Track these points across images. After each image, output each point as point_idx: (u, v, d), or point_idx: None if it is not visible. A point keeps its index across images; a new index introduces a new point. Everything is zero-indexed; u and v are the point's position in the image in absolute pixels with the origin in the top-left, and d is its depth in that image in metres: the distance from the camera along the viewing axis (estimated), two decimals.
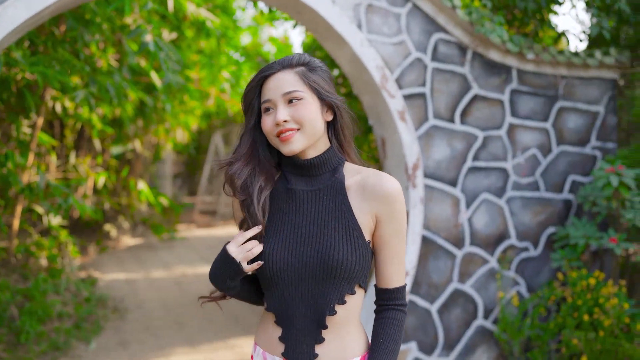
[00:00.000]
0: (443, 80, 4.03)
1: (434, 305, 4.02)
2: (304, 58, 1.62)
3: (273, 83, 1.58)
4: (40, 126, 6.33)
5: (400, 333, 1.58)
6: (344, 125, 1.64)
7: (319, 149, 1.62)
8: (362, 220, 1.55)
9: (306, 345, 1.54)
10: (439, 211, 4.02)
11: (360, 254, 1.53)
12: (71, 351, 5.30)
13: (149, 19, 5.90)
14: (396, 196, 1.54)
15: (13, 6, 2.98)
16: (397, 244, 1.57)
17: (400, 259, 1.58)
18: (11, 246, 6.62)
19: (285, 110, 1.55)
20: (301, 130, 1.56)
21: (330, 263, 1.50)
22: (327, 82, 1.62)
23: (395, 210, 1.55)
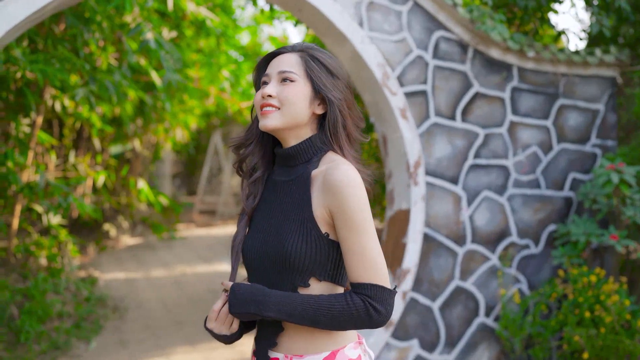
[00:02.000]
0: (444, 78, 4.03)
1: (435, 302, 4.02)
2: (309, 45, 1.63)
3: (276, 61, 1.61)
4: (39, 125, 6.32)
5: (341, 313, 1.45)
6: (336, 120, 1.58)
7: (299, 138, 1.61)
8: (317, 212, 1.51)
9: (269, 333, 1.57)
10: (440, 209, 4.01)
11: (312, 246, 1.50)
12: (71, 350, 5.29)
13: (148, 17, 5.91)
14: (343, 187, 1.46)
15: (14, 3, 2.98)
16: (350, 237, 1.47)
17: (359, 254, 1.46)
18: (10, 245, 6.60)
19: (276, 87, 1.57)
20: (281, 110, 1.56)
21: (281, 254, 1.51)
22: (328, 76, 1.59)
23: (342, 202, 1.46)
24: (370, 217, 1.49)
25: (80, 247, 8.29)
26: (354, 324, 1.47)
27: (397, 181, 4.04)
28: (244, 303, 1.50)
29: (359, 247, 1.46)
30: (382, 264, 1.48)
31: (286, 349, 1.55)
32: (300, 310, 1.46)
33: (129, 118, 7.25)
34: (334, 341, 1.54)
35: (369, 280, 1.45)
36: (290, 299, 1.47)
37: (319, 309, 1.45)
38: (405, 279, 3.85)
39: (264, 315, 1.48)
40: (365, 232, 1.47)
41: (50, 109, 6.63)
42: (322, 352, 1.53)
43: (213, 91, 8.71)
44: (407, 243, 3.87)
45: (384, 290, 1.46)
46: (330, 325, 1.47)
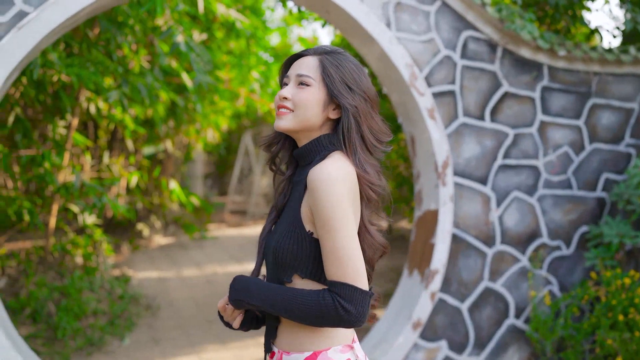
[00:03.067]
0: (472, 78, 4.00)
1: (464, 303, 4.00)
2: (331, 49, 1.64)
3: (298, 63, 1.65)
4: (75, 127, 6.48)
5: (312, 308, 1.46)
6: (349, 126, 1.58)
7: (309, 140, 1.64)
8: (303, 211, 1.54)
9: (271, 325, 1.65)
10: (468, 209, 3.99)
11: (294, 243, 1.54)
12: (105, 347, 5.41)
13: (179, 20, 6.00)
14: (317, 187, 1.47)
15: (50, 9, 3.07)
16: (324, 234, 1.47)
17: (332, 252, 1.46)
18: (48, 244, 6.78)
19: (292, 89, 1.62)
20: (294, 113, 1.60)
21: (272, 250, 1.59)
22: (345, 80, 1.59)
23: (317, 199, 1.47)
24: (348, 216, 1.47)
25: (114, 246, 8.46)
26: (325, 321, 1.47)
27: (425, 182, 4.03)
28: (237, 292, 1.57)
29: (333, 245, 1.46)
30: (356, 263, 1.45)
31: (279, 343, 1.62)
32: (279, 301, 1.50)
33: (161, 119, 7.37)
34: (318, 342, 1.55)
35: (340, 278, 1.45)
36: (272, 290, 1.53)
37: (294, 301, 1.48)
38: (433, 279, 3.84)
39: (252, 304, 1.54)
40: (340, 230, 1.45)
41: (85, 111, 6.78)
42: (304, 352, 1.55)
43: (243, 92, 8.79)
44: (436, 244, 3.86)
45: (355, 290, 1.44)
46: (304, 319, 1.49)
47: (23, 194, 7.00)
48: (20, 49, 3.03)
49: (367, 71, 5.34)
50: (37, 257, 6.83)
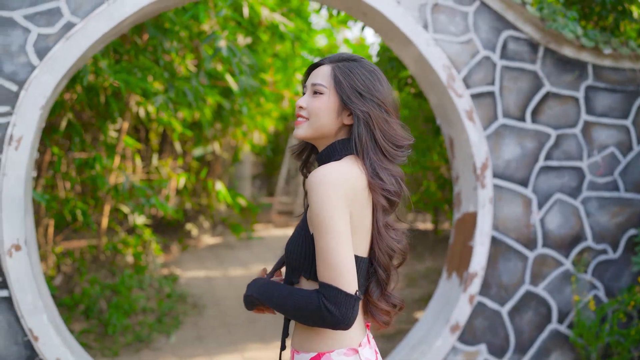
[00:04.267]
0: (513, 78, 3.94)
1: (504, 307, 3.94)
2: (345, 56, 1.68)
3: (315, 72, 1.70)
4: (125, 130, 6.71)
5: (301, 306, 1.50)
6: (360, 132, 1.60)
7: (325, 145, 1.70)
8: (308, 214, 1.59)
9: (285, 323, 1.73)
10: (509, 212, 3.94)
11: (300, 245, 1.59)
12: (153, 343, 5.58)
13: (224, 25, 6.12)
14: (310, 188, 1.51)
15: (95, 19, 3.20)
16: (315, 236, 1.50)
17: (321, 253, 1.48)
18: (100, 243, 7.04)
19: (308, 98, 1.68)
20: (309, 121, 1.66)
21: (285, 251, 1.66)
22: (355, 87, 1.62)
23: (310, 203, 1.52)
24: (336, 217, 1.48)
25: (163, 246, 8.69)
26: (311, 320, 1.49)
27: (464, 184, 4.00)
28: (251, 287, 1.69)
29: (321, 247, 1.48)
30: (344, 265, 1.46)
31: (292, 342, 1.69)
32: (276, 298, 1.58)
33: (208, 122, 7.54)
34: (323, 343, 1.59)
35: (326, 280, 1.47)
36: (272, 287, 1.61)
37: (289, 299, 1.54)
38: (472, 282, 3.81)
39: (258, 299, 1.64)
40: (329, 232, 1.47)
41: (135, 115, 7.01)
42: (310, 352, 1.60)
43: (288, 94, 8.89)
44: (474, 246, 3.83)
45: (339, 293, 1.45)
46: (295, 316, 1.54)
47: (77, 195, 7.28)
48: (68, 57, 3.17)
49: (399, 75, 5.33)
50: (91, 255, 7.10)
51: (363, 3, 3.66)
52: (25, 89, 3.12)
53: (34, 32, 3.16)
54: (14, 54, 3.13)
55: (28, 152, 3.10)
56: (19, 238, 3.09)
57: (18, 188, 3.08)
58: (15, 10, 3.14)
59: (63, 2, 3.19)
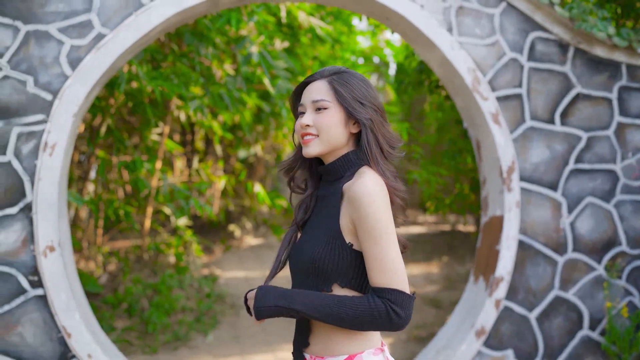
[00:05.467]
0: (541, 80, 3.88)
1: (532, 312, 3.88)
2: (336, 69, 1.74)
3: (309, 90, 1.74)
4: (166, 134, 6.91)
5: (363, 312, 1.54)
6: (368, 139, 1.68)
7: (336, 157, 1.74)
8: (343, 223, 1.63)
9: (302, 334, 1.70)
10: (537, 215, 3.87)
11: (335, 254, 1.61)
12: (190, 342, 5.74)
13: (261, 29, 6.23)
14: (362, 199, 1.56)
15: (124, 30, 3.34)
16: (370, 246, 1.56)
17: (379, 260, 1.55)
18: (144, 244, 7.27)
19: (311, 116, 1.71)
20: (319, 137, 1.70)
21: (308, 261, 1.64)
22: (355, 97, 1.69)
23: (362, 213, 1.56)
24: (391, 226, 1.58)
25: (205, 246, 8.89)
26: (375, 325, 1.56)
27: (490, 187, 3.96)
28: (271, 298, 1.61)
29: (379, 254, 1.55)
30: (401, 270, 1.56)
31: (311, 350, 1.68)
32: (325, 307, 1.57)
33: (248, 125, 7.68)
34: (352, 346, 1.63)
35: (389, 285, 1.54)
36: (315, 296, 1.60)
37: (342, 307, 1.56)
38: (498, 287, 3.77)
39: (292, 308, 1.59)
40: (385, 240, 1.56)
41: (176, 119, 7.21)
42: (339, 355, 1.63)
43: None
44: (501, 250, 3.79)
45: (404, 295, 1.54)
46: (352, 323, 1.56)
47: (122, 197, 7.54)
48: (99, 67, 3.32)
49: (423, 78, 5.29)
50: (135, 255, 7.35)
51: (387, 8, 3.68)
52: (59, 98, 3.29)
53: (67, 44, 3.32)
54: (48, 65, 3.31)
55: (61, 158, 3.27)
56: (53, 240, 3.25)
57: (52, 192, 3.25)
58: (50, 24, 3.32)
59: (94, 15, 3.35)
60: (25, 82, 3.28)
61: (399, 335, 5.67)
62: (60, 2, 3.32)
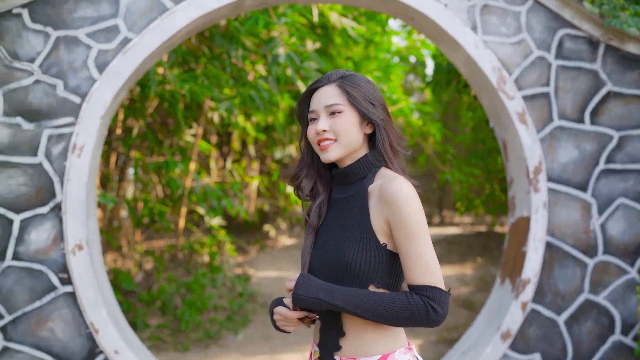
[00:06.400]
0: (569, 79, 3.80)
1: (561, 316, 3.80)
2: (343, 73, 1.76)
3: (318, 95, 1.75)
4: (200, 135, 7.02)
5: (402, 309, 1.57)
6: (383, 139, 1.73)
7: (354, 159, 1.75)
8: (376, 224, 1.64)
9: (332, 338, 1.69)
10: (566, 217, 3.79)
11: (371, 255, 1.63)
12: (221, 340, 5.82)
13: (292, 30, 6.26)
14: (400, 200, 1.59)
15: (149, 34, 3.42)
16: (408, 245, 1.59)
17: (417, 259, 1.59)
18: (178, 243, 7.41)
19: (326, 121, 1.71)
20: (337, 141, 1.71)
21: (341, 263, 1.64)
22: (367, 98, 1.72)
23: (400, 213, 1.59)
24: (426, 225, 1.62)
25: (239, 246, 8.99)
26: (413, 322, 1.59)
27: (517, 188, 3.89)
28: (314, 288, 1.62)
29: (417, 253, 1.59)
30: (437, 267, 1.60)
31: (343, 352, 1.68)
32: (365, 303, 1.59)
33: (281, 125, 7.73)
34: (384, 345, 1.65)
35: (427, 282, 1.58)
36: (356, 292, 1.61)
37: (382, 303, 1.58)
38: (524, 289, 3.70)
39: (332, 303, 1.60)
40: (422, 238, 1.60)
41: (210, 120, 7.32)
42: (373, 355, 1.65)
43: None
44: (527, 252, 3.72)
45: (441, 292, 1.58)
46: (391, 319, 1.58)
47: (158, 197, 7.70)
48: (125, 70, 3.41)
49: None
50: (169, 254, 7.49)
51: (410, 8, 3.66)
52: (87, 101, 3.38)
53: (95, 48, 3.42)
54: (77, 69, 3.41)
55: (89, 159, 3.36)
56: (81, 238, 3.35)
57: (80, 192, 3.35)
58: (79, 29, 3.42)
59: (120, 20, 3.44)
60: (55, 85, 3.39)
61: (429, 337, 5.63)
62: (88, 7, 3.42)
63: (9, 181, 3.37)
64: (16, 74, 3.38)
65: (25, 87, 3.38)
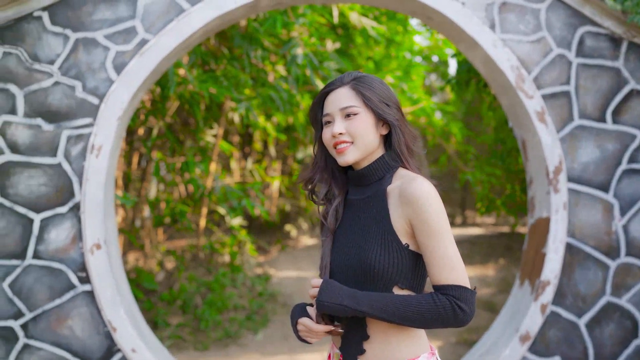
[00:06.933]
0: (590, 77, 3.73)
1: (582, 318, 3.73)
2: (355, 75, 1.75)
3: (332, 98, 1.73)
4: (221, 135, 7.06)
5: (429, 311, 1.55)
6: (399, 139, 1.72)
7: (371, 160, 1.74)
8: (397, 225, 1.62)
9: (355, 341, 1.67)
10: (587, 217, 3.72)
11: (394, 257, 1.61)
12: (240, 340, 5.84)
13: (312, 31, 6.26)
14: (422, 199, 1.58)
15: (166, 35, 3.45)
16: (432, 245, 1.58)
17: (441, 258, 1.57)
18: (199, 243, 7.46)
19: (342, 123, 1.70)
20: (354, 144, 1.69)
21: (365, 265, 1.62)
22: (381, 99, 1.71)
23: (422, 213, 1.58)
24: (448, 224, 1.61)
25: (259, 246, 9.02)
26: (440, 322, 1.57)
27: (537, 188, 3.84)
28: (338, 294, 1.60)
29: (441, 252, 1.58)
30: (462, 266, 1.59)
31: (367, 357, 1.66)
32: (391, 307, 1.57)
33: (302, 126, 7.74)
34: (409, 350, 1.64)
35: (452, 282, 1.57)
36: (381, 296, 1.59)
37: (408, 306, 1.57)
38: (544, 291, 3.64)
39: (357, 309, 1.58)
40: (445, 237, 1.58)
41: (230, 121, 7.35)
42: None
43: None
44: (547, 253, 3.66)
45: (467, 291, 1.57)
46: (418, 322, 1.57)
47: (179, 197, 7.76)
48: (142, 72, 3.44)
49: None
50: (190, 254, 7.55)
51: (428, 7, 3.63)
52: (104, 102, 3.42)
53: (113, 49, 3.46)
54: (95, 71, 3.45)
55: (107, 159, 3.40)
56: (99, 238, 3.39)
57: (98, 192, 3.39)
58: (97, 31, 3.46)
59: (138, 21, 3.47)
60: (74, 87, 3.44)
61: (448, 338, 5.58)
62: (106, 9, 3.46)
63: (30, 181, 3.42)
64: (36, 75, 3.44)
65: (45, 88, 3.44)
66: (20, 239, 3.42)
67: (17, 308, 3.42)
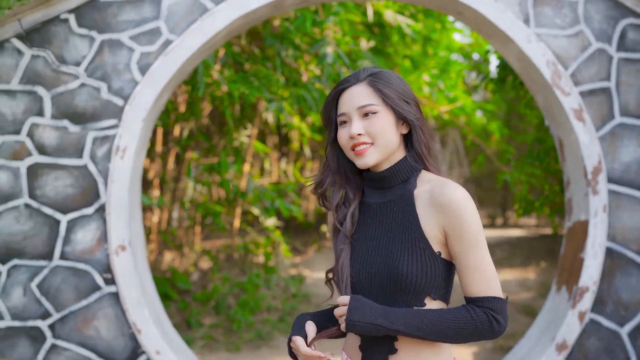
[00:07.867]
0: (633, 72, 3.52)
1: (624, 327, 3.53)
2: (371, 71, 1.63)
3: (348, 96, 1.61)
4: (255, 136, 7.05)
5: (466, 325, 1.47)
6: (420, 138, 1.61)
7: (392, 161, 1.62)
8: (428, 231, 1.52)
9: (380, 355, 1.55)
10: (629, 220, 3.52)
11: (427, 265, 1.50)
12: (272, 342, 5.81)
13: (345, 29, 6.18)
14: (460, 208, 1.49)
15: (190, 36, 3.42)
16: (468, 255, 1.49)
17: (477, 269, 1.49)
18: (234, 243, 7.47)
19: (360, 123, 1.58)
20: (375, 145, 1.57)
21: (395, 275, 1.51)
22: (401, 96, 1.60)
23: (461, 223, 1.49)
24: (483, 232, 1.53)
25: (294, 247, 8.98)
26: (476, 336, 1.49)
27: (575, 189, 3.66)
28: (369, 313, 1.48)
29: (477, 262, 1.50)
30: (496, 277, 1.52)
31: None
32: (427, 324, 1.47)
33: None
34: None
35: (488, 293, 1.49)
36: (415, 313, 1.49)
37: (444, 321, 1.48)
38: (582, 298, 3.47)
39: (392, 329, 1.47)
40: (481, 248, 1.50)
41: (264, 121, 7.33)
42: None
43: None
44: (585, 258, 3.48)
45: (502, 302, 1.50)
46: (454, 337, 1.48)
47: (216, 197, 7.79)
48: (167, 72, 3.42)
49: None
50: (225, 254, 7.56)
51: (458, 2, 3.50)
52: (129, 104, 3.42)
53: (137, 50, 3.45)
54: (120, 72, 3.45)
55: (132, 161, 3.40)
56: (124, 239, 3.39)
57: (123, 193, 3.39)
58: (122, 32, 3.46)
59: (162, 22, 3.45)
60: (99, 88, 3.44)
61: (484, 344, 5.41)
62: (131, 11, 3.46)
63: (56, 183, 3.45)
64: (63, 77, 3.46)
65: (71, 90, 3.45)
66: (48, 239, 3.44)
67: (45, 308, 3.45)
